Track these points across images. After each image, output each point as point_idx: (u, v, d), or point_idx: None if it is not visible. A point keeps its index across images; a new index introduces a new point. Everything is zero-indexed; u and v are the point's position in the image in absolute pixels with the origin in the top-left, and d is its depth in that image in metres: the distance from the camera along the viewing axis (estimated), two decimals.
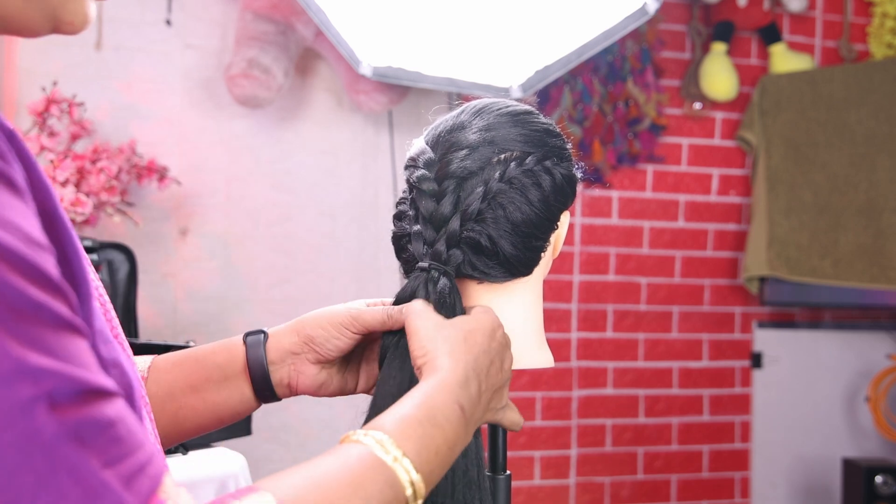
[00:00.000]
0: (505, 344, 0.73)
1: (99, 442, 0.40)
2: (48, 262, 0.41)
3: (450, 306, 0.75)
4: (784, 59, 2.81)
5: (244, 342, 0.80)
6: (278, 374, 0.79)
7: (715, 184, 2.89)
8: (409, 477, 0.57)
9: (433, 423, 0.61)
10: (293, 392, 0.81)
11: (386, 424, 0.59)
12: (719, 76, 2.75)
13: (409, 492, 0.57)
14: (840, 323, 2.97)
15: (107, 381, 0.42)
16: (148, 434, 0.44)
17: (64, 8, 0.50)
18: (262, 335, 0.80)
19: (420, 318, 0.71)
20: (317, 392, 0.80)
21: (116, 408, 0.42)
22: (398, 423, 0.60)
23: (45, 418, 0.38)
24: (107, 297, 0.63)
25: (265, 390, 0.79)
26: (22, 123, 2.13)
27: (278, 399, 0.81)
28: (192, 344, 1.60)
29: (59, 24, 0.51)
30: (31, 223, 0.41)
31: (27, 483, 0.37)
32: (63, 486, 0.38)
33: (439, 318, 0.71)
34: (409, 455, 0.58)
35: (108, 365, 0.48)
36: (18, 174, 0.42)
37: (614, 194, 2.79)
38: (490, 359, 0.70)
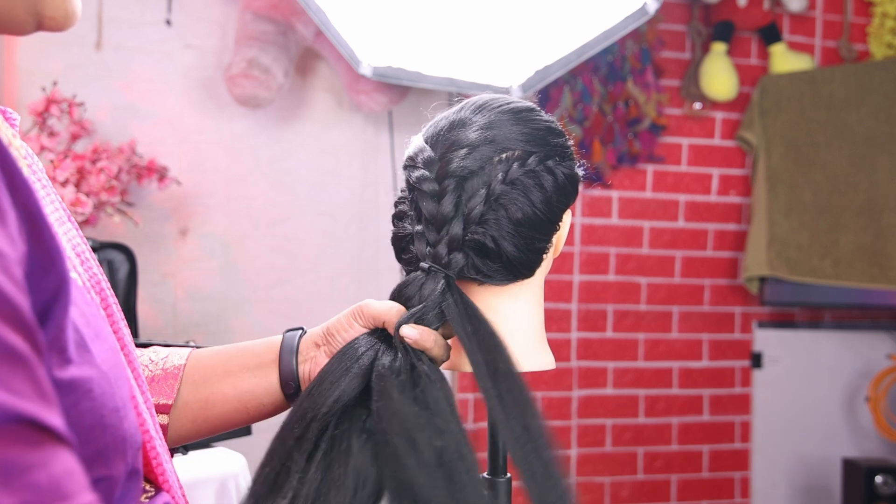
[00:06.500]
0: None
1: (17, 483, 0.34)
2: (6, 274, 0.37)
3: (460, 309, 0.74)
4: (784, 59, 2.81)
5: (283, 335, 0.82)
6: (303, 367, 0.80)
7: (715, 184, 2.89)
8: None
9: None
10: None
11: None
12: (719, 76, 2.75)
13: None
14: (840, 323, 2.97)
15: (50, 418, 0.37)
16: (86, 480, 0.38)
17: (44, 3, 0.50)
18: (301, 330, 0.82)
19: None
20: None
21: (50, 450, 0.36)
22: None
23: None
24: (110, 293, 0.63)
25: (290, 380, 0.80)
26: (22, 123, 2.13)
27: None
28: (192, 343, 1.60)
29: (42, 20, 0.51)
30: None
31: None
32: None
33: None
34: None
35: (78, 363, 0.46)
36: None
37: (614, 194, 2.79)
38: None
